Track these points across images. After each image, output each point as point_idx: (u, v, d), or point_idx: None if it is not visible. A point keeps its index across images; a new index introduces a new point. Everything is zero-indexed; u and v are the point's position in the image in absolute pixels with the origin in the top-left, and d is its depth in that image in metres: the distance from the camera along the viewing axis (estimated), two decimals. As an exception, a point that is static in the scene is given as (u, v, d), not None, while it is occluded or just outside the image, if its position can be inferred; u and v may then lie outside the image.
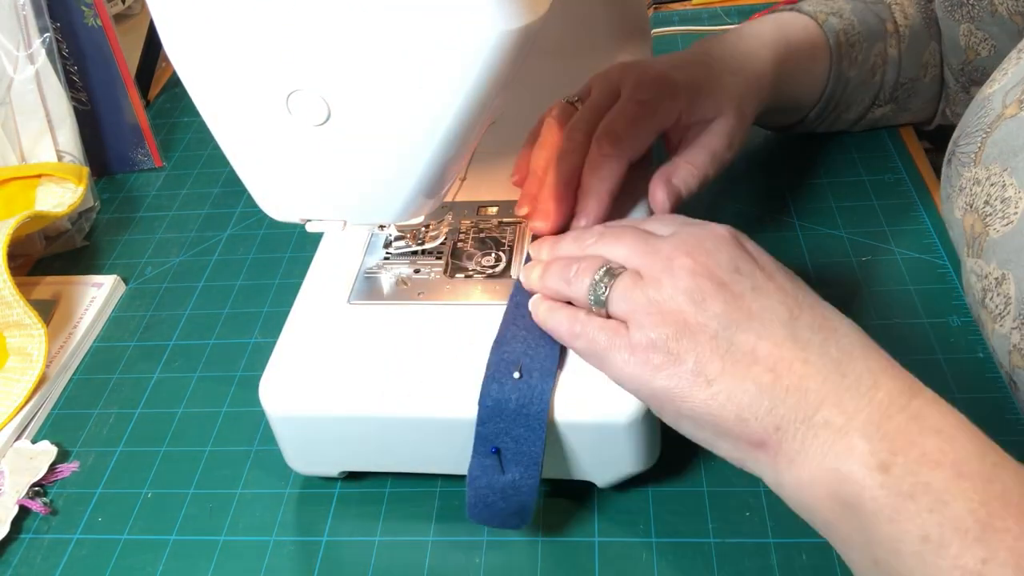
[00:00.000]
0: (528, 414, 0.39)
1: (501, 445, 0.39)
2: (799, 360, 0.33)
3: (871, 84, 0.59)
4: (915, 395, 0.32)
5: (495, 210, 0.50)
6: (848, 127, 0.62)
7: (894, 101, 0.60)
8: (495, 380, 0.39)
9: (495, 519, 0.40)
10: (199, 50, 0.34)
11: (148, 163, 0.73)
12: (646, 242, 0.38)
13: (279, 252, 0.62)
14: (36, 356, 0.54)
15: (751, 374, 0.33)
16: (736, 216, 0.59)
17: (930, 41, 0.59)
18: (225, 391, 0.52)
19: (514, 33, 0.31)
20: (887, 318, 0.50)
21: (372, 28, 0.31)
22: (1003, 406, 0.45)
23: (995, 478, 0.29)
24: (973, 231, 0.41)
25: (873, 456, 0.30)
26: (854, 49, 0.57)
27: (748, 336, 0.34)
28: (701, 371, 0.34)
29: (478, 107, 0.34)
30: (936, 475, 0.30)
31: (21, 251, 0.64)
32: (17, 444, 0.50)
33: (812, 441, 0.32)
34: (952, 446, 0.30)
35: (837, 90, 0.58)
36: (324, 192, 0.39)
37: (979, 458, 0.30)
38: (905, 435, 0.31)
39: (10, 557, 0.45)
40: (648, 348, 0.35)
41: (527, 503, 0.39)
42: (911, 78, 0.59)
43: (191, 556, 0.44)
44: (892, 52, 0.58)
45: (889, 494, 0.30)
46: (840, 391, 0.32)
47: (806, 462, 0.32)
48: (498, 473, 0.39)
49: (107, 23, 0.67)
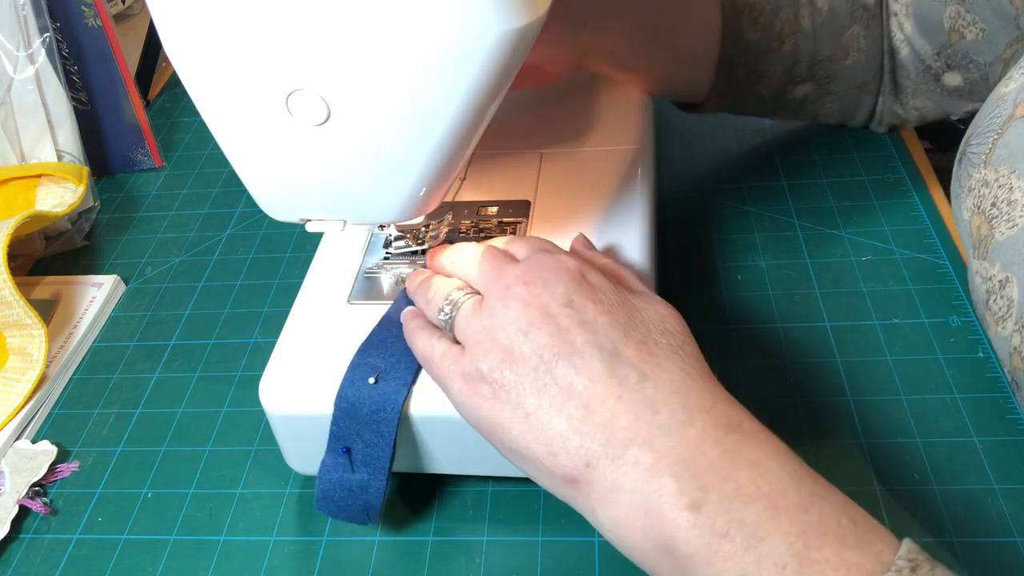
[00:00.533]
0: (379, 420, 0.40)
1: (352, 446, 0.40)
2: (613, 396, 0.32)
3: (780, 52, 0.56)
4: (732, 429, 0.32)
5: (495, 210, 0.50)
6: (771, 109, 0.60)
7: (813, 79, 0.58)
8: (352, 383, 0.40)
9: (341, 513, 0.41)
10: (199, 50, 0.34)
11: (148, 163, 0.73)
12: (496, 268, 0.38)
13: (279, 252, 0.62)
14: (36, 356, 0.54)
15: (565, 409, 0.33)
16: (736, 216, 0.59)
17: (853, 24, 0.56)
18: (225, 391, 0.52)
19: (514, 33, 0.31)
20: (887, 318, 0.51)
21: (372, 28, 0.31)
22: (1003, 406, 0.45)
23: (811, 507, 0.29)
24: (979, 233, 0.41)
25: (683, 495, 0.30)
26: (754, 10, 0.55)
27: (567, 370, 0.33)
28: (520, 403, 0.33)
29: (478, 107, 0.34)
30: (750, 510, 0.29)
31: (21, 251, 0.64)
32: (17, 444, 0.50)
33: (623, 480, 0.31)
34: (766, 478, 0.30)
35: (737, 51, 0.55)
36: (324, 192, 0.39)
37: (795, 488, 0.30)
38: (718, 471, 0.30)
39: (10, 557, 0.45)
40: (477, 378, 0.35)
41: (374, 503, 0.40)
42: (828, 56, 0.57)
43: (191, 556, 0.44)
44: (805, 23, 0.55)
45: (702, 534, 0.29)
46: (651, 428, 0.31)
47: (618, 502, 0.31)
48: (348, 471, 0.40)
49: (107, 23, 0.67)
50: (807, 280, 0.54)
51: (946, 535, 0.40)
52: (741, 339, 0.51)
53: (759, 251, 0.56)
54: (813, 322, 0.51)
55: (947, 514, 0.41)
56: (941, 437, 0.44)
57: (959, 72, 0.55)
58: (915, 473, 0.43)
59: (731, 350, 0.50)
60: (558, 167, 0.53)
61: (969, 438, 0.44)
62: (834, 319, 0.51)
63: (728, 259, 0.56)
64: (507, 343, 0.35)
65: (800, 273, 0.54)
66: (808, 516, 0.29)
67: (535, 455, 0.33)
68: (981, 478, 0.42)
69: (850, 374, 0.48)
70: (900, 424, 0.45)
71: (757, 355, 0.50)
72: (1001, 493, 0.41)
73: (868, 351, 0.49)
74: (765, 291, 0.53)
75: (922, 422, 0.45)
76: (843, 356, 0.49)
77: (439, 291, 0.39)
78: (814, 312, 0.52)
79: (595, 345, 0.34)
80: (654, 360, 0.34)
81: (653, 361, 0.34)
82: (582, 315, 0.35)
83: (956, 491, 0.42)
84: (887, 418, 0.45)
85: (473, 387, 0.35)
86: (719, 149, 0.66)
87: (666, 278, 0.54)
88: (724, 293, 0.54)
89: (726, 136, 0.66)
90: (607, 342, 0.34)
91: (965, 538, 0.40)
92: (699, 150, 0.66)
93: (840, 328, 0.50)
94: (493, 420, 0.34)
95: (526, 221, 0.49)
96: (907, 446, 0.44)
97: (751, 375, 0.48)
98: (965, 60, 0.54)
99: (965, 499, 0.41)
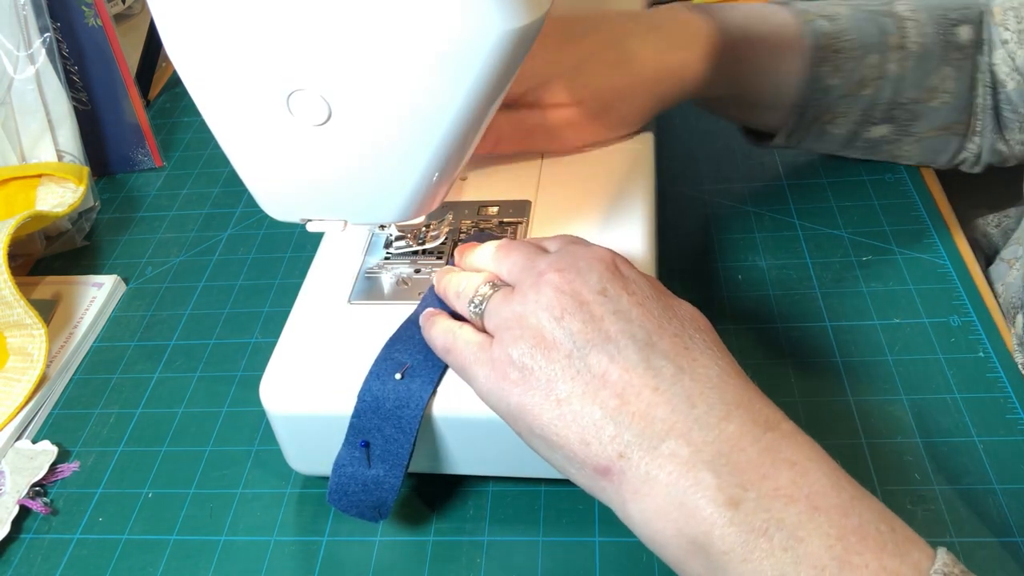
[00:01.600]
0: (402, 416, 0.39)
1: (371, 440, 0.40)
2: (649, 387, 0.32)
3: (859, 97, 0.55)
4: (770, 428, 0.31)
5: (495, 210, 0.50)
6: (842, 147, 0.58)
7: (891, 121, 0.56)
8: (377, 377, 0.40)
9: (352, 509, 0.41)
10: (199, 50, 0.34)
11: (148, 163, 0.73)
12: (529, 257, 0.38)
13: (279, 252, 0.62)
14: (36, 356, 0.54)
15: (599, 397, 0.32)
16: (736, 216, 0.59)
17: (943, 66, 0.54)
18: (225, 391, 0.52)
19: (514, 33, 0.31)
20: (887, 318, 0.51)
21: (372, 28, 0.31)
22: (1003, 406, 0.45)
23: (851, 511, 0.29)
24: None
25: (722, 491, 0.29)
26: (840, 56, 0.54)
27: (601, 358, 0.33)
28: (552, 389, 0.33)
29: (478, 106, 0.34)
30: (790, 510, 0.29)
31: (21, 251, 0.64)
32: (17, 444, 0.50)
33: (657, 472, 0.30)
34: (806, 479, 0.29)
35: (815, 96, 0.54)
36: (324, 192, 0.39)
37: (835, 491, 0.29)
38: (757, 468, 0.30)
39: (10, 557, 0.45)
40: (506, 363, 0.34)
41: (387, 500, 0.40)
42: (912, 99, 0.55)
43: (191, 556, 0.44)
44: (892, 68, 0.54)
45: (740, 531, 0.28)
46: (688, 421, 0.31)
47: (652, 495, 0.30)
48: (364, 466, 0.40)
49: (107, 23, 0.67)
50: (807, 280, 0.54)
51: (946, 535, 0.40)
52: (741, 339, 0.51)
53: (759, 251, 0.56)
54: (813, 322, 0.51)
55: (948, 514, 0.41)
56: (941, 437, 0.44)
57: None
58: (915, 473, 0.43)
59: (731, 350, 0.50)
60: (558, 167, 0.53)
61: (969, 438, 0.44)
62: (834, 319, 0.51)
63: (728, 259, 0.56)
64: (539, 329, 0.34)
65: (800, 273, 0.54)
66: (848, 520, 0.28)
67: (567, 443, 0.32)
68: (981, 478, 0.42)
69: (850, 374, 0.48)
70: (900, 424, 0.45)
71: (757, 355, 0.50)
72: (1001, 493, 0.41)
73: (868, 351, 0.49)
74: (765, 291, 0.53)
75: (922, 422, 0.45)
76: (843, 356, 0.49)
77: (469, 284, 0.39)
78: (814, 312, 0.52)
79: (629, 335, 0.33)
80: (690, 354, 0.33)
81: (689, 355, 0.33)
82: (617, 304, 0.34)
83: (956, 491, 0.42)
84: (887, 418, 0.45)
85: (502, 372, 0.34)
86: (719, 149, 0.66)
87: (666, 278, 0.54)
88: (724, 293, 0.54)
89: (726, 136, 0.66)
90: (641, 332, 0.33)
91: (965, 538, 0.40)
92: (699, 150, 0.66)
93: (840, 328, 0.50)
94: (522, 406, 0.34)
95: (526, 221, 0.49)
96: (907, 446, 0.44)
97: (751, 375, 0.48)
98: None
99: (965, 499, 0.41)
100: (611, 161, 0.53)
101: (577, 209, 0.49)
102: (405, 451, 0.40)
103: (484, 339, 0.37)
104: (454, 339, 0.37)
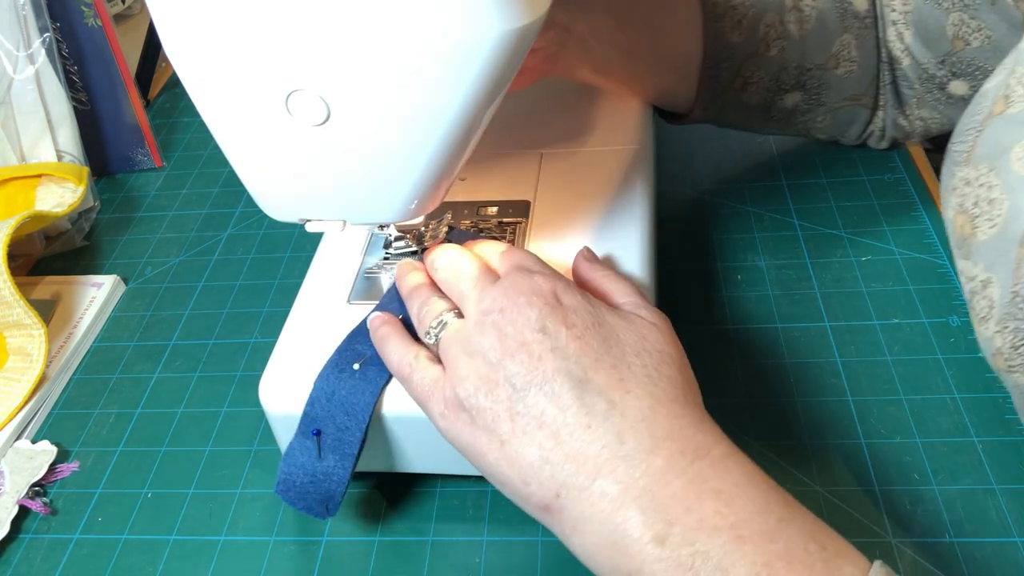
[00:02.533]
0: (355, 404, 0.40)
1: (324, 429, 0.40)
2: (582, 426, 0.32)
3: (766, 57, 0.54)
4: (699, 456, 0.31)
5: (495, 210, 0.50)
6: (761, 120, 0.58)
7: (802, 88, 0.56)
8: (336, 367, 0.41)
9: (300, 502, 0.41)
10: (199, 50, 0.34)
11: (148, 163, 0.73)
12: (478, 288, 0.38)
13: (279, 252, 0.62)
14: (36, 356, 0.54)
15: (536, 439, 0.33)
16: (736, 216, 0.59)
17: (844, 33, 0.55)
18: (225, 391, 0.52)
19: (514, 33, 0.31)
20: (887, 318, 0.51)
21: (372, 28, 0.31)
22: (1003, 406, 0.45)
23: (778, 536, 0.29)
24: (963, 232, 0.41)
25: (648, 528, 0.30)
26: (736, 12, 0.54)
27: (539, 399, 0.33)
28: (496, 431, 0.34)
29: (478, 107, 0.34)
30: (715, 541, 0.29)
31: (21, 251, 0.64)
32: (17, 444, 0.50)
33: (591, 511, 0.31)
34: (731, 508, 0.30)
35: (720, 54, 0.54)
36: (324, 192, 0.39)
37: (761, 516, 0.30)
38: (682, 502, 0.30)
39: (10, 557, 0.45)
40: (456, 403, 0.35)
41: (335, 493, 0.40)
42: (818, 64, 0.55)
43: (191, 556, 0.44)
44: (792, 28, 0.54)
45: (667, 567, 0.29)
46: (617, 459, 0.32)
47: (588, 532, 0.31)
48: (314, 457, 0.40)
49: (107, 23, 0.67)
50: (807, 280, 0.54)
51: (946, 535, 0.40)
52: (741, 339, 0.51)
53: (759, 251, 0.56)
54: (813, 322, 0.51)
55: (947, 514, 0.41)
56: (941, 437, 0.44)
57: (965, 80, 0.54)
58: (915, 473, 0.43)
59: (731, 350, 0.50)
60: (558, 167, 0.53)
61: (969, 438, 0.44)
62: (834, 319, 0.51)
63: (728, 259, 0.56)
64: (482, 370, 0.35)
65: (800, 273, 0.54)
66: (774, 545, 0.29)
67: (510, 482, 0.34)
68: (981, 478, 0.42)
69: (850, 374, 0.48)
70: (900, 424, 0.45)
71: (757, 355, 0.50)
72: (1001, 493, 0.41)
73: (868, 351, 0.49)
74: (765, 291, 0.53)
75: (922, 422, 0.45)
76: (843, 356, 0.49)
77: (431, 311, 0.39)
78: (814, 312, 0.52)
79: (565, 372, 0.34)
80: (624, 386, 0.34)
81: (623, 387, 0.34)
82: (555, 341, 0.35)
83: (956, 491, 0.42)
84: (887, 418, 0.45)
85: (453, 412, 0.36)
86: (719, 149, 0.66)
87: (666, 278, 0.54)
88: (724, 293, 0.54)
89: (726, 136, 0.66)
90: (578, 369, 0.34)
91: (965, 538, 0.40)
92: (699, 150, 0.66)
93: (840, 328, 0.50)
94: (471, 446, 0.35)
95: (526, 221, 0.49)
96: (907, 446, 0.44)
97: (751, 375, 0.48)
98: (971, 68, 0.53)
99: (965, 499, 0.41)
100: (610, 161, 0.53)
101: (576, 209, 0.49)
102: (356, 440, 0.40)
103: (439, 374, 0.37)
104: (411, 372, 0.38)
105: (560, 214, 0.49)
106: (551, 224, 0.49)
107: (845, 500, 0.42)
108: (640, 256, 0.46)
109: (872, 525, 0.41)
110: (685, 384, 0.35)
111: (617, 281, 0.40)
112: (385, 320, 0.41)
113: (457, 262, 0.41)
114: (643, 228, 0.48)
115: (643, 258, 0.46)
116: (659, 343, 0.36)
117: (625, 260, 0.46)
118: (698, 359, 0.46)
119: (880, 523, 0.41)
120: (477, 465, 0.35)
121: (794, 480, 0.43)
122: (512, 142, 0.55)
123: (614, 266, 0.46)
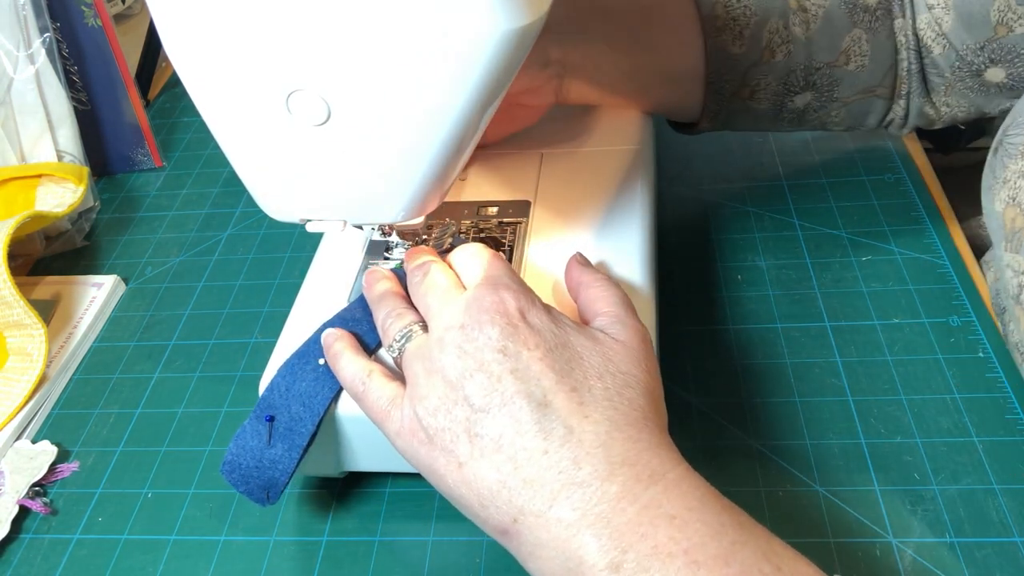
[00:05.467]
0: (312, 396, 0.40)
1: (278, 416, 0.40)
2: (539, 451, 0.32)
3: (772, 64, 0.53)
4: (655, 481, 0.31)
5: (495, 210, 0.50)
6: (771, 122, 0.57)
7: (812, 88, 0.55)
8: (301, 358, 0.41)
9: (242, 484, 0.41)
10: (199, 50, 0.34)
11: (148, 163, 0.73)
12: (442, 301, 0.38)
13: (279, 252, 0.62)
14: (36, 356, 0.54)
15: (494, 462, 0.33)
16: (736, 216, 0.59)
17: (853, 28, 0.54)
18: (225, 391, 0.52)
19: (514, 33, 0.31)
20: (887, 318, 0.51)
21: (372, 28, 0.31)
22: (1003, 406, 0.45)
23: (732, 559, 0.29)
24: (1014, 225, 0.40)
25: (603, 555, 0.30)
26: (738, 23, 0.52)
27: (497, 421, 0.33)
28: (454, 452, 0.33)
29: (478, 107, 0.34)
30: (669, 568, 0.29)
31: (21, 251, 0.64)
32: (17, 444, 0.50)
33: (547, 537, 0.31)
34: (685, 532, 0.30)
35: (723, 67, 0.53)
36: (324, 192, 0.39)
37: (715, 540, 0.30)
38: (636, 528, 0.30)
39: (10, 557, 0.45)
40: (414, 422, 0.35)
41: (279, 482, 0.40)
42: (828, 63, 0.54)
43: (191, 556, 0.44)
44: (797, 31, 0.53)
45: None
46: (573, 486, 0.31)
47: (544, 557, 0.31)
48: (263, 442, 0.40)
49: (107, 23, 0.67)
50: (807, 280, 0.54)
51: (946, 535, 0.40)
52: (741, 339, 0.51)
53: (759, 251, 0.56)
54: (813, 322, 0.51)
55: (947, 514, 0.41)
56: (941, 437, 0.44)
57: (1003, 67, 0.53)
58: (915, 473, 0.43)
59: (731, 350, 0.50)
60: (558, 167, 0.53)
61: (969, 438, 0.44)
62: (834, 319, 0.51)
63: (728, 259, 0.56)
64: (441, 389, 0.34)
65: (800, 273, 0.54)
66: (728, 569, 0.29)
67: (468, 504, 0.33)
68: (981, 478, 0.42)
69: (850, 374, 0.48)
70: (900, 424, 0.45)
71: (757, 355, 0.50)
72: (1001, 493, 0.41)
73: (868, 351, 0.49)
74: (765, 291, 0.53)
75: (922, 422, 0.45)
76: (843, 356, 0.49)
77: (396, 323, 0.39)
78: (814, 312, 0.52)
79: (525, 395, 0.33)
80: (583, 411, 0.33)
81: (582, 412, 0.33)
82: (516, 362, 0.34)
83: (956, 491, 0.42)
84: (887, 418, 0.45)
85: (411, 430, 0.35)
86: (719, 149, 0.66)
87: (666, 278, 0.54)
88: (724, 293, 0.54)
89: (726, 136, 0.66)
90: (538, 391, 0.33)
91: (965, 538, 0.40)
92: (699, 150, 0.66)
93: (840, 328, 0.50)
94: (429, 467, 0.34)
95: (526, 221, 0.49)
96: (907, 446, 0.44)
97: (751, 375, 0.48)
98: (1012, 55, 0.52)
99: (965, 499, 0.41)
100: (610, 161, 0.53)
101: (576, 209, 0.49)
102: (307, 432, 0.40)
103: (395, 391, 0.37)
104: (364, 389, 0.38)
105: (560, 214, 0.49)
106: (551, 224, 0.49)
107: (845, 500, 0.42)
108: (640, 256, 0.46)
109: (872, 525, 0.41)
110: (648, 405, 0.34)
111: (606, 288, 0.39)
112: (339, 336, 0.41)
113: (429, 273, 0.40)
114: (643, 228, 0.48)
115: (643, 258, 0.46)
116: (624, 364, 0.35)
117: (625, 260, 0.46)
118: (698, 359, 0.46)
119: (880, 523, 0.41)
120: (435, 485, 0.35)
121: (794, 480, 0.43)
122: (512, 142, 0.55)
123: (614, 266, 0.45)
